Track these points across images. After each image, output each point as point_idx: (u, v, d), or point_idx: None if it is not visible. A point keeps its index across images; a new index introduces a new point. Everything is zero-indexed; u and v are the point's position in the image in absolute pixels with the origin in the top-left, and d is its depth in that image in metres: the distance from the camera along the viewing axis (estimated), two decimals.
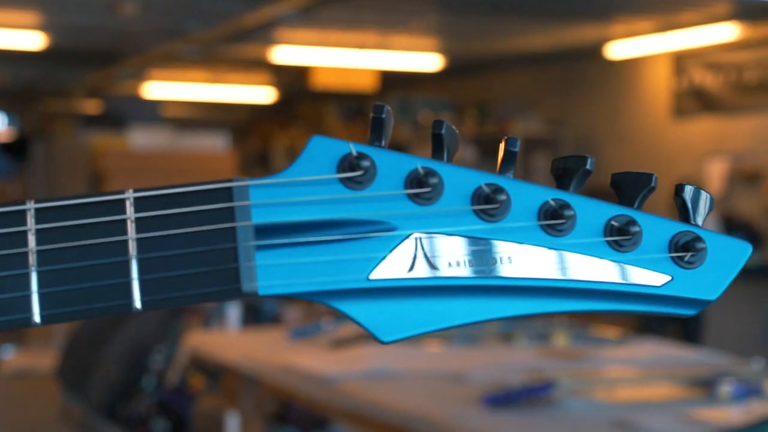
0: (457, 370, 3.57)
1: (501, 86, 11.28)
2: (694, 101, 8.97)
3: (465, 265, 0.68)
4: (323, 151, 0.69)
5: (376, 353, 3.84)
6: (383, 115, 0.69)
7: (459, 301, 0.69)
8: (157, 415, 5.49)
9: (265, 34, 8.93)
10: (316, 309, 5.13)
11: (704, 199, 0.72)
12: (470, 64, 10.81)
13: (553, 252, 0.69)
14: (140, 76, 11.97)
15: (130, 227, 0.66)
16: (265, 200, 0.67)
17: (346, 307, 0.68)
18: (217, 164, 9.27)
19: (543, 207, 0.70)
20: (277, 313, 5.81)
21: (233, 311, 4.87)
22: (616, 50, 9.09)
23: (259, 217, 0.67)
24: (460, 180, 0.69)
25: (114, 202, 0.66)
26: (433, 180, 0.68)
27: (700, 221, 0.72)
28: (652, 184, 0.71)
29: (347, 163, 0.68)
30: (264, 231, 0.67)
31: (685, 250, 0.70)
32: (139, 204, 0.66)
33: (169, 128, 10.93)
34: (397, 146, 11.31)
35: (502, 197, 0.69)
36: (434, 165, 0.69)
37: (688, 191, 0.72)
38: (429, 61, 10.24)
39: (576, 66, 10.19)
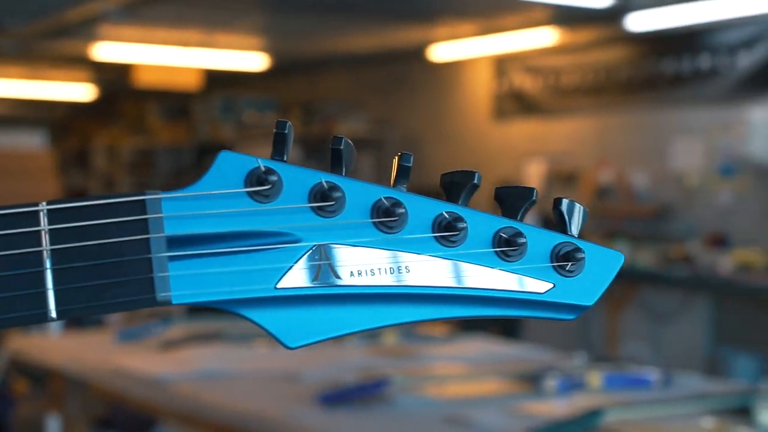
0: (290, 370, 3.59)
1: (326, 86, 11.34)
2: (514, 103, 9.21)
3: (366, 274, 0.73)
4: (231, 166, 0.72)
5: (207, 354, 3.82)
6: (285, 131, 0.73)
7: (361, 308, 0.73)
8: None
9: (87, 30, 8.76)
10: (141, 311, 5.06)
11: (579, 211, 0.78)
12: (295, 63, 10.83)
13: (446, 261, 0.74)
14: None
15: (45, 238, 0.68)
16: (177, 212, 0.70)
17: (255, 314, 0.72)
18: (34, 163, 9.03)
19: (437, 219, 0.74)
20: (100, 316, 5.71)
21: None
22: (439, 52, 9.26)
23: (172, 229, 0.70)
24: (360, 194, 0.73)
25: (28, 213, 0.67)
26: (337, 194, 0.72)
27: (575, 232, 0.77)
28: (533, 198, 0.77)
29: (255, 178, 0.71)
30: (176, 242, 0.70)
31: (565, 260, 0.76)
32: (53, 216, 0.68)
33: None
34: (221, 146, 11.26)
35: (401, 210, 0.73)
36: (337, 179, 0.73)
37: (565, 204, 0.77)
38: (254, 61, 10.21)
39: (400, 67, 10.33)
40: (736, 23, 7.50)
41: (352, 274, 0.72)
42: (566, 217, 0.77)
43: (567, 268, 0.76)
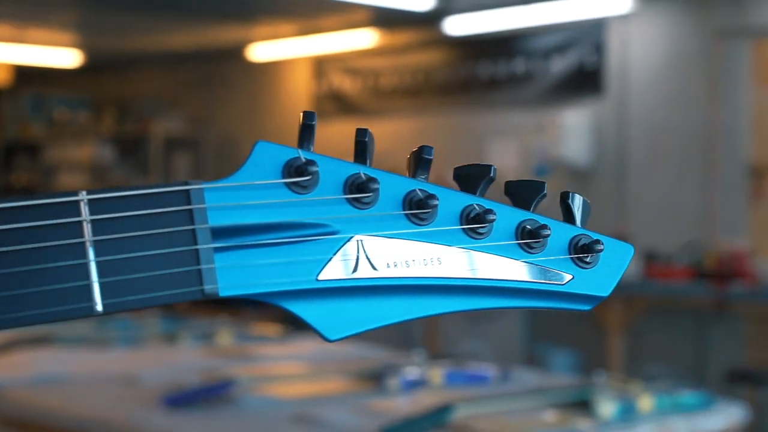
0: (128, 372, 3.52)
1: (141, 84, 11.13)
2: (334, 104, 9.25)
3: (401, 265, 0.73)
4: (268, 156, 0.72)
5: (41, 358, 3.72)
6: (313, 122, 0.73)
7: (397, 299, 0.73)
8: None
9: None
10: None
11: (584, 204, 0.80)
12: (110, 61, 10.60)
13: (475, 254, 0.75)
14: None
15: (87, 229, 0.66)
16: (220, 203, 0.69)
17: (297, 307, 0.71)
18: None
19: (465, 211, 0.76)
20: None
21: None
22: (259, 52, 9.22)
23: (215, 220, 0.69)
24: (393, 185, 0.74)
25: (67, 203, 0.65)
26: (374, 185, 0.73)
27: (582, 225, 0.80)
28: (545, 191, 0.79)
29: (293, 168, 0.71)
30: (220, 233, 0.69)
31: (584, 252, 0.78)
32: (94, 206, 0.66)
33: None
34: (30, 145, 10.89)
35: (435, 202, 0.74)
36: (372, 171, 0.74)
37: (573, 198, 0.80)
38: (66, 57, 9.95)
39: (219, 66, 10.23)
40: (550, 29, 7.74)
41: (388, 265, 0.73)
42: (574, 210, 0.79)
43: (586, 260, 0.78)
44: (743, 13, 6.72)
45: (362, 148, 0.75)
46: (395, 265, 0.73)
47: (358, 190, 0.72)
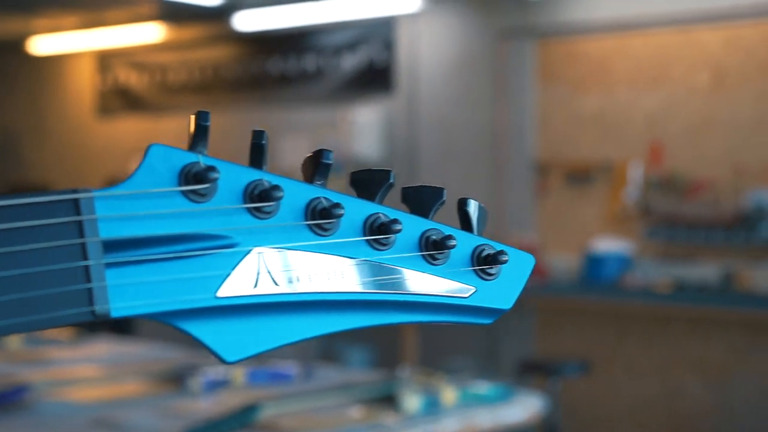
0: None
1: None
2: (119, 100, 9.03)
3: (303, 280, 0.67)
4: (162, 161, 0.64)
5: None
6: (208, 123, 0.66)
7: (299, 316, 0.68)
8: None
9: None
10: None
11: (483, 211, 0.76)
12: None
13: (377, 266, 0.70)
14: None
15: None
16: (111, 213, 0.62)
17: (193, 327, 0.64)
18: None
19: (368, 221, 0.70)
20: None
21: None
22: (40, 45, 8.90)
23: (107, 232, 0.61)
24: (295, 193, 0.68)
25: None
26: (278, 194, 0.66)
27: (479, 233, 0.75)
28: (444, 198, 0.74)
29: (191, 174, 0.64)
30: (111, 246, 0.61)
31: (487, 263, 0.74)
32: None
33: None
34: None
35: (340, 212, 0.68)
36: (274, 178, 0.67)
37: (470, 204, 0.75)
38: None
39: None
40: (341, 26, 7.75)
41: (290, 280, 0.67)
42: (472, 218, 0.75)
43: (490, 272, 0.74)
44: (528, 13, 6.90)
45: (259, 151, 0.69)
46: (297, 280, 0.67)
47: (260, 198, 0.66)
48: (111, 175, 8.75)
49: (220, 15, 7.93)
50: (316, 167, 0.70)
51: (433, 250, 0.72)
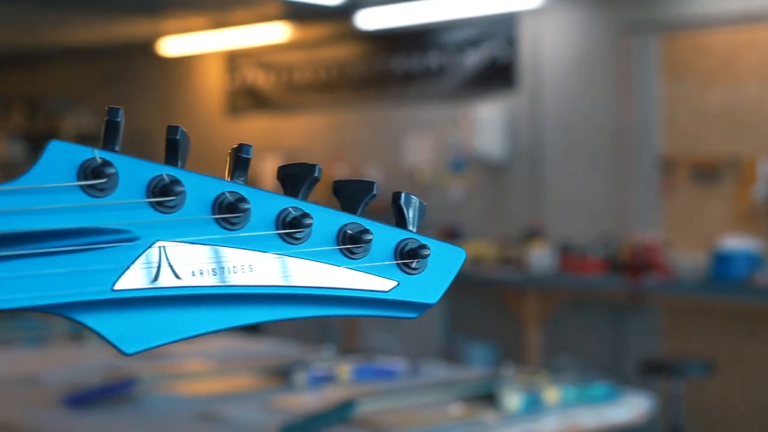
0: (30, 373, 3.44)
1: (50, 80, 10.94)
2: (247, 99, 9.17)
3: (208, 273, 0.68)
4: (62, 157, 0.66)
5: None
6: (118, 119, 0.67)
7: (203, 310, 0.68)
8: None
9: None
10: None
11: (417, 205, 0.76)
12: (17, 56, 10.39)
13: (290, 260, 0.70)
14: None
15: None
16: (3, 208, 0.63)
17: (90, 319, 0.66)
18: None
19: (282, 215, 0.70)
20: None
21: None
22: (170, 46, 9.10)
23: None
24: (201, 187, 0.69)
25: None
26: (178, 188, 0.67)
27: (414, 227, 0.75)
28: (374, 192, 0.74)
29: (89, 170, 0.66)
30: (3, 241, 0.63)
31: (410, 257, 0.73)
32: None
33: None
34: None
35: (246, 206, 0.69)
36: (176, 172, 0.68)
37: (404, 198, 0.75)
38: None
39: (129, 61, 10.09)
40: (463, 23, 7.73)
41: (193, 273, 0.67)
42: (405, 212, 0.75)
43: (412, 266, 0.74)
44: (652, 7, 6.77)
45: (173, 146, 0.69)
46: (201, 273, 0.68)
47: (162, 193, 0.67)
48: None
49: (344, 14, 7.99)
50: (236, 162, 0.71)
51: (350, 244, 0.72)
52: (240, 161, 0.71)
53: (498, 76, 7.57)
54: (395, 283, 0.73)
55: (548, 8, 7.21)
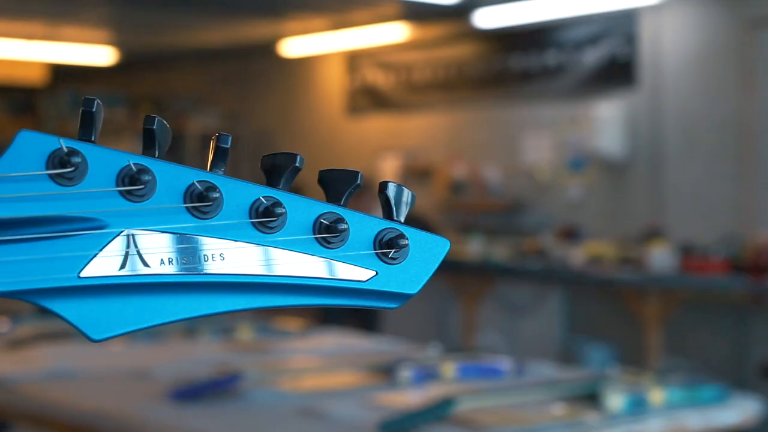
0: (142, 367, 3.52)
1: (176, 81, 11.18)
2: (367, 99, 9.23)
3: (177, 262, 0.69)
4: (32, 147, 0.67)
5: (56, 352, 3.72)
6: (93, 109, 0.68)
7: (172, 297, 0.69)
8: None
9: None
10: None
11: (406, 196, 0.75)
12: (144, 57, 10.64)
13: (263, 248, 0.71)
14: None
15: None
16: None
17: (57, 305, 0.67)
18: None
19: (254, 205, 0.71)
20: None
21: None
22: (291, 47, 9.21)
23: None
24: (172, 177, 0.70)
25: None
26: (146, 177, 0.68)
27: (402, 218, 0.75)
28: (358, 182, 0.74)
29: (57, 159, 0.67)
30: None
31: (389, 247, 0.73)
32: None
33: None
34: None
35: (215, 195, 0.69)
36: (146, 161, 0.69)
37: (391, 189, 0.74)
38: (101, 54, 9.99)
39: (252, 62, 10.24)
40: (582, 20, 7.66)
41: (162, 262, 0.68)
42: (392, 202, 0.75)
43: (390, 255, 0.73)
44: None
45: (150, 137, 0.70)
46: (170, 262, 0.69)
47: (131, 182, 0.68)
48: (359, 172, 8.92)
49: (462, 13, 7.98)
50: (215, 152, 0.71)
51: (326, 233, 0.72)
52: (219, 151, 0.71)
53: (617, 73, 7.47)
54: (373, 273, 0.73)
55: (669, 4, 7.09)
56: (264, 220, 0.71)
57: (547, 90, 7.93)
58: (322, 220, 0.72)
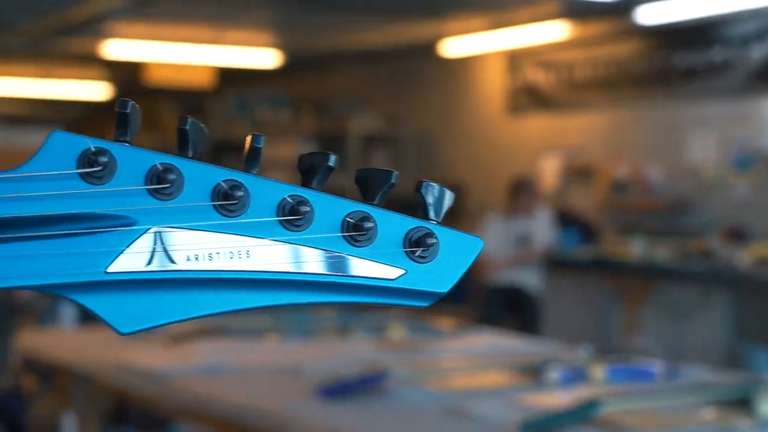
0: (293, 364, 3.58)
1: (338, 83, 11.31)
2: (528, 98, 9.17)
3: (203, 258, 0.71)
4: (63, 147, 0.70)
5: (212, 348, 3.81)
6: (127, 111, 0.70)
7: (198, 293, 0.71)
8: None
9: (95, 27, 8.76)
10: None
11: (441, 194, 0.75)
12: (307, 60, 10.81)
13: (289, 246, 0.72)
14: None
15: None
16: (1, 194, 0.68)
17: (85, 299, 0.70)
18: None
19: (281, 203, 0.72)
20: None
21: (67, 309, 4.76)
22: (451, 47, 9.22)
23: None
24: (200, 176, 0.71)
25: None
26: (172, 176, 0.70)
27: (437, 216, 0.75)
28: (392, 181, 0.74)
29: (87, 159, 0.70)
30: (1, 225, 0.68)
31: (417, 246, 0.73)
32: None
33: None
34: (236, 144, 11.21)
35: (240, 193, 0.71)
36: (175, 161, 0.71)
37: (425, 188, 0.75)
38: (265, 57, 10.19)
39: (412, 63, 10.29)
40: (748, 15, 7.44)
41: (188, 258, 0.70)
42: (426, 201, 0.75)
43: (418, 254, 0.74)
44: None
45: (183, 137, 0.72)
46: (196, 258, 0.70)
47: (158, 180, 0.70)
48: (520, 172, 8.88)
49: (623, 10, 7.86)
50: (249, 152, 0.73)
51: (353, 231, 0.73)
52: (253, 151, 0.73)
53: None
54: (402, 272, 0.74)
55: None
56: (290, 218, 0.72)
57: (713, 87, 7.74)
58: (349, 219, 0.73)
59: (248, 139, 0.73)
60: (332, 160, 0.73)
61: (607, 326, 8.01)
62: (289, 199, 0.72)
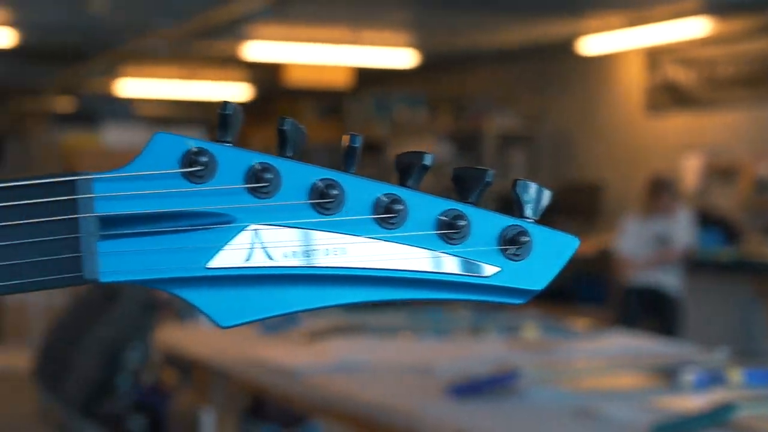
0: (426, 363, 3.59)
1: (475, 82, 11.30)
2: (668, 96, 9.02)
3: (300, 255, 0.73)
4: (166, 147, 0.73)
5: (347, 345, 3.86)
6: (229, 112, 0.73)
7: (295, 289, 0.73)
8: (134, 413, 5.49)
9: (236, 29, 8.92)
10: None
11: (537, 193, 0.76)
12: (444, 59, 10.82)
13: (384, 243, 0.74)
14: (112, 73, 11.90)
15: None
16: (109, 193, 0.72)
17: (186, 294, 0.73)
18: None
19: (377, 201, 0.74)
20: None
21: None
22: (589, 45, 9.12)
23: (103, 209, 0.71)
24: (298, 175, 0.74)
25: None
26: (270, 175, 0.73)
27: (532, 214, 0.76)
28: (488, 179, 0.75)
29: (189, 159, 0.72)
30: (108, 222, 0.72)
31: (511, 244, 0.75)
32: None
33: (143, 126, 10.88)
34: (374, 144, 11.31)
35: (335, 192, 0.73)
36: (273, 160, 0.73)
37: (520, 186, 0.76)
38: (402, 57, 10.24)
39: (550, 61, 10.22)
40: None
41: (285, 255, 0.73)
42: (521, 199, 0.76)
43: (512, 252, 0.75)
44: None
45: (283, 137, 0.74)
46: (293, 255, 0.73)
47: (257, 179, 0.73)
48: (660, 171, 8.73)
49: (766, 4, 7.66)
50: (346, 152, 0.75)
51: (447, 229, 0.74)
52: (350, 150, 0.75)
53: None
54: (497, 269, 0.75)
55: None
56: (385, 216, 0.74)
57: None
58: (443, 217, 0.74)
59: (345, 138, 0.75)
60: (428, 159, 0.75)
61: (749, 329, 7.83)
62: (383, 198, 0.74)
